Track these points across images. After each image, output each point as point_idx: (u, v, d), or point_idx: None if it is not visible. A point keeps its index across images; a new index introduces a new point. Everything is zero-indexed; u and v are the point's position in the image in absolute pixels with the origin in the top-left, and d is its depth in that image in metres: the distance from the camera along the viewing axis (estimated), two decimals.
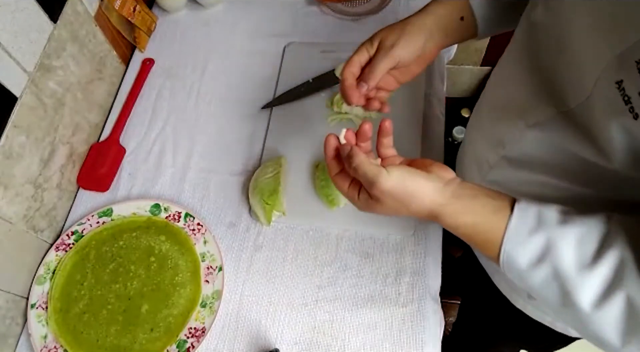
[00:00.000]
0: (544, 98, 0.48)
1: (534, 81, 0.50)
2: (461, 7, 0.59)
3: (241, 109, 0.90)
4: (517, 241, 0.43)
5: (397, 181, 0.45)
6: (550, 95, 0.47)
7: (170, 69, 0.96)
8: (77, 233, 0.78)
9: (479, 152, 0.64)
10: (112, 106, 0.93)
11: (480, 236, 0.45)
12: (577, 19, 0.42)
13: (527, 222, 0.43)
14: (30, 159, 0.73)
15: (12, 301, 0.71)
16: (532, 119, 0.50)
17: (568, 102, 0.45)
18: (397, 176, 0.45)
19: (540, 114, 0.49)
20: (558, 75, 0.46)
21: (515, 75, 0.55)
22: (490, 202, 0.45)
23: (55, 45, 0.76)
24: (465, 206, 0.45)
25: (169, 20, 1.02)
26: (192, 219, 0.77)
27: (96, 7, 0.86)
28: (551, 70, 0.47)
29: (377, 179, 0.45)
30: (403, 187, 0.45)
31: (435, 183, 0.46)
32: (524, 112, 0.51)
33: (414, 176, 0.46)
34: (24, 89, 0.70)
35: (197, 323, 0.71)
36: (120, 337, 0.71)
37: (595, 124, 0.42)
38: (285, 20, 0.99)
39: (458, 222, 0.46)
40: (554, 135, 0.49)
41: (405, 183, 0.45)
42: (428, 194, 0.46)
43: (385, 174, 0.45)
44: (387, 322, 0.69)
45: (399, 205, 0.47)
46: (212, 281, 0.73)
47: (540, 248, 0.42)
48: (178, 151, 0.87)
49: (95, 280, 0.75)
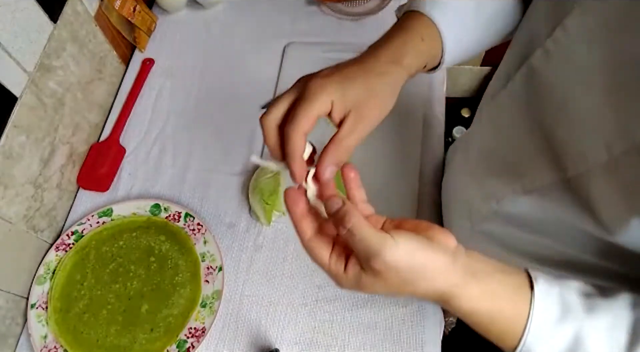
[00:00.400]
0: (543, 162, 0.43)
1: (533, 140, 0.44)
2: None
3: (241, 109, 0.89)
4: (541, 335, 0.38)
5: (406, 252, 0.35)
6: (551, 159, 0.42)
7: (170, 69, 0.96)
8: (77, 233, 0.78)
9: (470, 200, 0.59)
10: (112, 106, 0.93)
11: (498, 324, 0.38)
12: (578, 70, 0.38)
13: (551, 311, 0.38)
14: (30, 159, 0.73)
15: (12, 301, 0.71)
16: (529, 185, 0.45)
17: (568, 169, 0.40)
18: (405, 245, 0.36)
19: (538, 180, 0.44)
20: (559, 136, 0.41)
21: (512, 127, 0.48)
22: (507, 280, 0.39)
23: (55, 45, 0.76)
24: (485, 287, 0.38)
25: (169, 20, 1.02)
26: (192, 219, 0.77)
27: (96, 7, 0.86)
28: (552, 128, 0.41)
29: (382, 249, 0.35)
30: (411, 261, 0.36)
31: (446, 257, 0.37)
32: (521, 176, 0.47)
33: (425, 247, 0.36)
34: (24, 89, 0.70)
35: (197, 323, 0.71)
36: (120, 337, 0.71)
37: (600, 199, 0.37)
38: (285, 20, 0.99)
39: (477, 307, 0.38)
40: (554, 205, 0.43)
41: (415, 256, 0.36)
42: (441, 271, 0.36)
43: (392, 243, 0.35)
44: (387, 322, 0.69)
45: (403, 284, 0.37)
46: (212, 281, 0.73)
47: (568, 341, 0.37)
48: (178, 151, 0.87)
49: (95, 280, 0.75)
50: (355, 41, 0.95)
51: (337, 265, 0.39)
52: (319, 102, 0.40)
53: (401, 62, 0.44)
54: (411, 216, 0.76)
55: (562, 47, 0.39)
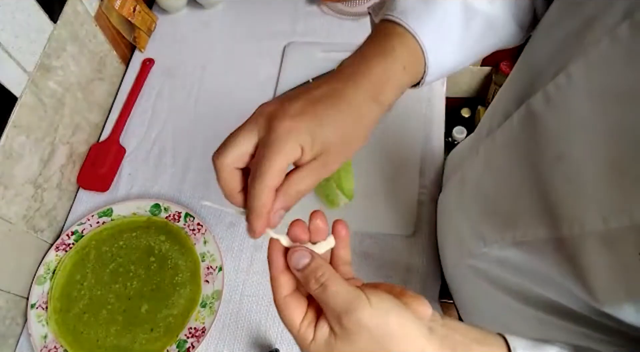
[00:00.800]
0: (537, 216, 0.40)
1: (529, 190, 0.41)
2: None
3: (241, 109, 0.89)
4: None
5: (380, 312, 0.32)
6: (544, 214, 0.39)
7: (170, 69, 0.96)
8: (77, 233, 0.78)
9: (462, 237, 0.57)
10: (112, 106, 0.93)
11: None
12: (578, 125, 0.35)
13: None
14: (30, 159, 0.73)
15: (12, 301, 0.71)
16: (520, 237, 0.43)
17: (562, 229, 0.37)
18: (380, 307, 0.32)
19: (530, 234, 0.42)
20: (555, 193, 0.38)
21: (508, 173, 0.46)
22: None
23: (55, 45, 0.76)
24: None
25: (169, 20, 1.02)
26: (192, 219, 0.77)
27: (96, 7, 0.86)
28: (548, 183, 0.39)
29: (356, 306, 0.32)
30: (384, 325, 0.32)
31: (421, 326, 0.33)
32: (513, 227, 0.44)
33: (400, 310, 0.33)
34: (24, 89, 0.70)
35: (197, 323, 0.71)
36: (120, 337, 0.71)
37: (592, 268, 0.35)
38: (285, 20, 0.99)
39: None
40: (543, 261, 0.41)
41: (389, 318, 0.32)
42: (416, 338, 0.33)
43: (366, 301, 0.32)
44: None
45: (374, 348, 0.33)
46: (212, 281, 0.73)
47: None
48: (178, 151, 0.87)
49: (95, 280, 0.75)
50: (355, 41, 0.95)
51: (308, 331, 0.34)
52: (287, 151, 0.35)
53: (379, 98, 0.40)
54: (411, 216, 0.76)
55: (564, 94, 0.37)
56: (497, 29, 0.47)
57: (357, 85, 0.39)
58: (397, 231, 0.75)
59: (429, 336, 0.33)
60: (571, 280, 0.38)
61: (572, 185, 0.36)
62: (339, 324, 0.32)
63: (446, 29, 0.44)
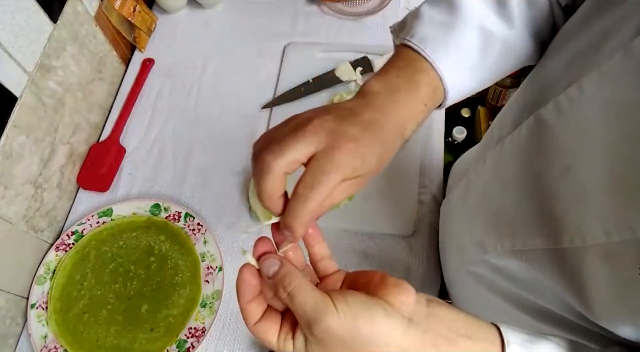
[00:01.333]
0: (538, 226, 0.41)
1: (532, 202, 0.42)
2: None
3: (241, 109, 0.89)
4: None
5: (348, 319, 0.31)
6: (546, 225, 0.40)
7: (170, 69, 0.96)
8: (77, 233, 0.78)
9: (463, 243, 0.58)
10: (112, 106, 0.93)
11: None
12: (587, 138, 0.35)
13: None
14: (30, 159, 0.73)
15: (12, 301, 0.71)
16: (519, 246, 0.44)
17: (563, 241, 0.37)
18: (347, 312, 0.31)
19: (529, 243, 0.42)
20: (558, 206, 0.38)
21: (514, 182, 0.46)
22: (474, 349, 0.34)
23: (55, 45, 0.76)
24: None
25: (169, 20, 1.02)
26: (192, 219, 0.77)
27: (96, 7, 0.86)
28: (552, 196, 0.39)
29: (322, 315, 0.31)
30: (354, 330, 0.31)
31: (396, 321, 0.32)
32: (512, 235, 0.45)
33: (371, 310, 0.32)
34: (24, 89, 0.70)
35: (197, 323, 0.71)
36: (120, 337, 0.71)
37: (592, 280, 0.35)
38: (285, 20, 0.99)
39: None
40: (541, 271, 0.41)
41: (358, 324, 0.31)
42: (390, 337, 0.32)
43: (332, 309, 0.32)
44: None
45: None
46: (212, 281, 0.73)
47: None
48: (178, 151, 0.87)
49: (95, 280, 0.75)
50: (355, 41, 0.96)
51: (287, 344, 0.34)
52: (344, 170, 0.37)
53: (404, 133, 0.42)
54: (411, 216, 0.76)
55: (574, 106, 0.37)
56: (516, 51, 0.48)
57: (389, 119, 0.41)
58: (397, 231, 0.75)
59: (407, 330, 0.32)
60: (569, 292, 0.38)
61: (577, 197, 0.36)
62: (310, 332, 0.32)
63: (465, 57, 0.45)
